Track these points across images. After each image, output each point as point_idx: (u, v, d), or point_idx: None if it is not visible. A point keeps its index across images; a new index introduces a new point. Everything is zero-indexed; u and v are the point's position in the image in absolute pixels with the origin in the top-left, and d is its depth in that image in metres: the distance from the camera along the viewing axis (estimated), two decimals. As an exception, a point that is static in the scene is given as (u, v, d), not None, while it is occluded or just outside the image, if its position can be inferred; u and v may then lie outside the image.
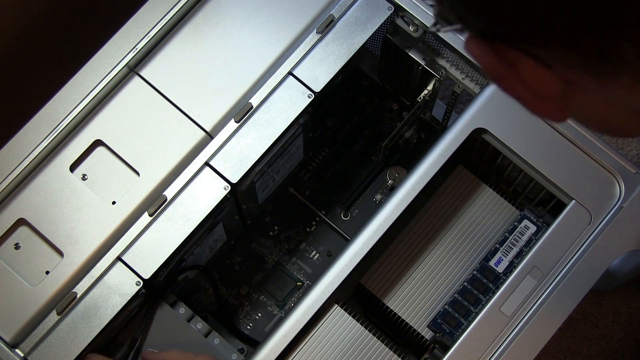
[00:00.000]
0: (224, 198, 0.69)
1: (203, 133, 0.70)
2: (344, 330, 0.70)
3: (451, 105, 0.83)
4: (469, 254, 0.74)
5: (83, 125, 0.70)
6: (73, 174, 0.69)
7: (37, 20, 0.85)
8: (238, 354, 0.71)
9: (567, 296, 0.68)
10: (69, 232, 0.67)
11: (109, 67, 0.70)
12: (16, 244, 0.67)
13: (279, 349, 0.67)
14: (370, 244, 0.69)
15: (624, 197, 0.70)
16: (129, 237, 0.67)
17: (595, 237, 0.69)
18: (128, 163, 0.69)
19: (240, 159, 0.69)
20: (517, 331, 0.67)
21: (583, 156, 0.71)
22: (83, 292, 0.66)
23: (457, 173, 0.77)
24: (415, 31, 0.74)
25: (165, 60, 0.72)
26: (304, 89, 0.71)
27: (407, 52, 0.77)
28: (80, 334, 0.65)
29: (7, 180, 0.68)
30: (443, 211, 0.75)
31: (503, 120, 0.72)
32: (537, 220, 0.74)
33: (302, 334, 0.69)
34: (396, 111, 0.89)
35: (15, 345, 0.65)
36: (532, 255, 0.69)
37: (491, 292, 0.72)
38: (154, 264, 0.67)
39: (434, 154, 0.71)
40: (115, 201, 0.68)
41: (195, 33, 0.72)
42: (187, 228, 0.68)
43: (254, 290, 0.84)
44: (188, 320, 0.71)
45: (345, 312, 0.70)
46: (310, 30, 0.73)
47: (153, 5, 0.72)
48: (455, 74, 0.76)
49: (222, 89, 0.71)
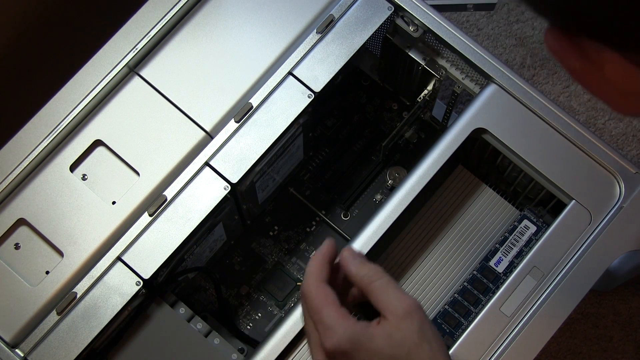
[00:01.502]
0: (224, 198, 0.69)
1: (203, 133, 0.70)
2: (344, 330, 0.70)
3: (451, 105, 0.83)
4: (468, 254, 0.74)
5: (83, 125, 0.70)
6: (73, 174, 0.69)
7: (37, 20, 0.85)
8: (238, 354, 0.71)
9: (567, 296, 0.68)
10: (69, 232, 0.67)
11: (109, 67, 0.70)
12: (16, 244, 0.67)
13: (279, 349, 0.67)
14: (370, 244, 0.69)
15: (624, 197, 0.70)
16: (129, 237, 0.67)
17: (595, 237, 0.69)
18: (128, 163, 0.69)
19: (240, 159, 0.69)
20: (517, 331, 0.67)
21: (583, 156, 0.71)
22: (83, 292, 0.66)
23: (457, 173, 0.77)
24: (415, 31, 0.74)
25: (165, 60, 0.72)
26: (304, 89, 0.71)
27: (407, 52, 0.77)
28: (80, 334, 0.65)
29: (7, 180, 0.68)
30: (443, 211, 0.75)
31: (503, 120, 0.72)
32: (537, 220, 0.74)
33: (302, 334, 0.69)
34: (396, 111, 0.89)
35: (15, 345, 0.65)
36: (532, 255, 0.69)
37: (491, 292, 0.72)
38: (154, 264, 0.67)
39: (434, 154, 0.71)
40: (115, 201, 0.68)
41: (195, 33, 0.72)
42: (187, 228, 0.68)
43: (254, 290, 0.84)
44: (188, 320, 0.71)
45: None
46: (310, 30, 0.73)
47: (153, 5, 0.72)
48: (455, 74, 0.76)
49: (222, 89, 0.71)
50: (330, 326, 0.51)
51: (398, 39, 0.77)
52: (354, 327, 0.51)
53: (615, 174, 0.71)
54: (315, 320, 0.52)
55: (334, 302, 0.52)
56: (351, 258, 0.55)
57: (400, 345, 0.51)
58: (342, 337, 0.51)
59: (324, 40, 0.72)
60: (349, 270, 0.54)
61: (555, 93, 1.12)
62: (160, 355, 0.69)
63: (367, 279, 0.53)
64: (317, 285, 0.53)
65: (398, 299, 0.52)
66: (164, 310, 0.70)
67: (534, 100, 0.72)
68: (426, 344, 0.51)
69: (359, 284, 0.54)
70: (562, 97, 1.11)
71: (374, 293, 0.53)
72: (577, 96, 1.11)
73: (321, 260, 0.55)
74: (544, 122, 0.72)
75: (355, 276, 0.54)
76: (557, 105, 0.72)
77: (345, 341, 0.51)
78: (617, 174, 0.71)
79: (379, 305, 0.52)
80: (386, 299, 0.52)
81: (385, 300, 0.52)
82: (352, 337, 0.51)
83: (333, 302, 0.52)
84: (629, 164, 0.71)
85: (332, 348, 0.51)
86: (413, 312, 0.51)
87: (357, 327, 0.51)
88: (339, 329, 0.51)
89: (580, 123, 0.72)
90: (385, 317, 0.52)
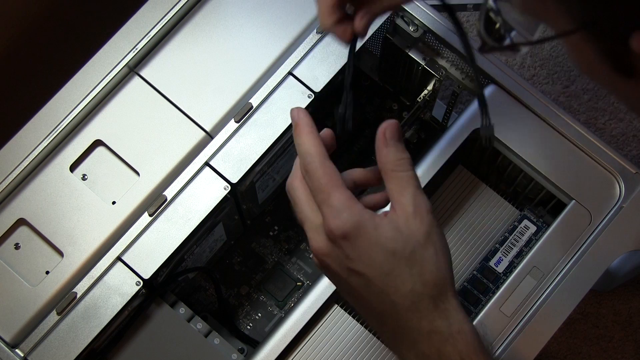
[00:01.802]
0: (224, 198, 0.69)
1: (203, 133, 0.70)
2: (344, 330, 0.70)
3: (451, 105, 0.83)
4: (469, 254, 0.74)
5: (83, 125, 0.70)
6: (73, 174, 0.69)
7: (37, 20, 0.85)
8: (238, 354, 0.71)
9: (567, 296, 0.68)
10: (69, 232, 0.67)
11: (109, 67, 0.70)
12: (16, 244, 0.67)
13: (279, 349, 0.67)
14: (370, 244, 0.69)
15: (624, 197, 0.70)
16: (129, 237, 0.67)
17: (595, 237, 0.69)
18: (128, 163, 0.69)
19: (240, 159, 0.69)
20: (517, 331, 0.67)
21: (583, 156, 0.71)
22: (83, 292, 0.66)
23: (457, 173, 0.77)
24: (415, 31, 0.74)
25: (165, 60, 0.72)
26: (304, 89, 0.71)
27: (407, 52, 0.77)
28: (80, 334, 0.65)
29: (7, 180, 0.68)
30: (443, 211, 0.75)
31: (503, 120, 0.72)
32: (537, 220, 0.74)
33: (302, 334, 0.69)
34: (396, 111, 0.89)
35: (15, 345, 0.65)
36: (532, 255, 0.69)
37: (491, 292, 0.72)
38: (154, 264, 0.67)
39: (434, 154, 0.71)
40: (115, 201, 0.68)
41: (195, 33, 0.72)
42: (187, 228, 0.68)
43: (254, 290, 0.84)
44: (188, 320, 0.71)
45: (345, 312, 0.70)
46: (310, 30, 0.73)
47: (153, 5, 0.72)
48: (455, 74, 0.76)
49: (222, 89, 0.71)
50: (338, 208, 0.49)
51: (398, 39, 0.77)
52: (361, 212, 0.49)
53: (615, 174, 0.71)
54: (320, 200, 0.50)
55: (342, 184, 0.50)
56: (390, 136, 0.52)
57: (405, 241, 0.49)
58: (348, 221, 0.49)
59: (324, 40, 0.72)
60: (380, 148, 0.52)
61: (555, 93, 1.12)
62: (160, 355, 0.69)
63: (392, 165, 0.51)
64: (322, 163, 0.51)
65: (414, 196, 0.50)
66: (164, 310, 0.70)
67: (534, 100, 0.72)
68: (431, 248, 0.49)
69: (383, 165, 0.51)
70: (562, 97, 1.11)
71: (394, 182, 0.50)
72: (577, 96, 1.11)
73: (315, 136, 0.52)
74: (544, 122, 0.72)
75: (385, 156, 0.51)
76: (557, 105, 0.72)
77: (351, 225, 0.49)
78: (617, 174, 0.71)
79: (393, 195, 0.50)
80: (404, 193, 0.50)
81: (403, 194, 0.50)
82: (357, 222, 0.49)
83: (341, 184, 0.50)
84: (629, 164, 0.71)
85: (336, 230, 0.49)
86: (424, 214, 0.49)
87: (364, 213, 0.49)
88: (345, 212, 0.49)
89: (580, 123, 0.72)
90: (394, 209, 0.50)
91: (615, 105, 1.11)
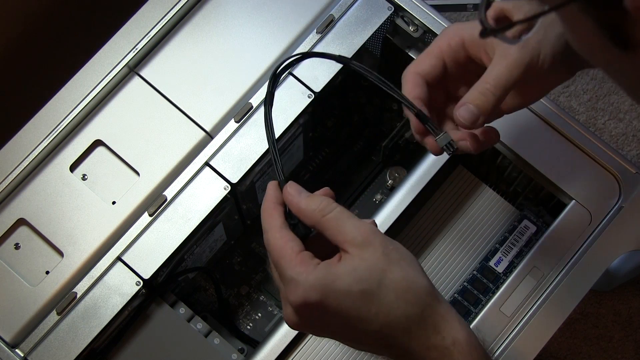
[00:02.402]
0: (224, 198, 0.69)
1: (203, 133, 0.70)
2: (344, 330, 0.70)
3: (451, 105, 0.83)
4: (468, 254, 0.74)
5: (83, 125, 0.70)
6: (73, 174, 0.69)
7: (37, 20, 0.85)
8: (238, 354, 0.71)
9: (567, 296, 0.68)
10: (69, 232, 0.67)
11: (109, 67, 0.70)
12: (16, 244, 0.67)
13: (279, 349, 0.67)
14: (370, 244, 0.69)
15: (624, 197, 0.70)
16: (129, 237, 0.68)
17: (595, 237, 0.69)
18: (128, 163, 0.69)
19: (240, 159, 0.69)
20: (517, 331, 0.67)
21: (583, 156, 0.71)
22: (83, 292, 0.66)
23: (457, 173, 0.77)
24: (415, 31, 0.75)
25: (165, 60, 0.72)
26: (304, 89, 0.71)
27: (407, 52, 0.77)
28: (80, 334, 0.65)
29: (7, 180, 0.68)
30: (443, 211, 0.75)
31: (503, 120, 0.72)
32: (537, 220, 0.74)
33: (302, 334, 0.69)
34: (396, 111, 0.89)
35: (15, 345, 0.65)
36: (532, 255, 0.69)
37: (491, 292, 0.72)
38: (154, 264, 0.67)
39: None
40: (115, 201, 0.68)
41: (195, 33, 0.72)
42: (187, 228, 0.68)
43: (254, 290, 0.84)
44: (188, 320, 0.71)
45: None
46: (310, 30, 0.73)
47: (153, 5, 0.72)
48: (455, 74, 0.76)
49: (222, 89, 0.71)
50: (291, 278, 0.47)
51: (398, 39, 0.77)
52: (315, 273, 0.47)
53: (615, 174, 0.71)
54: (279, 274, 0.49)
55: (292, 249, 0.48)
56: (296, 193, 0.51)
57: (368, 278, 0.47)
58: (306, 289, 0.47)
59: (324, 40, 0.72)
60: (297, 207, 0.50)
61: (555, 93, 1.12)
62: (160, 355, 0.69)
63: (318, 213, 0.49)
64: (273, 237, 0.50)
65: (355, 227, 0.48)
66: (164, 310, 0.70)
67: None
68: (396, 266, 0.47)
69: (310, 219, 0.49)
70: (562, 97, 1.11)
71: (329, 227, 0.49)
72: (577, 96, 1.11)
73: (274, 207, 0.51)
74: (544, 122, 0.72)
75: (304, 211, 0.50)
76: (557, 105, 0.72)
77: (310, 291, 0.47)
78: (617, 174, 0.71)
79: (336, 239, 0.48)
80: (342, 231, 0.48)
81: (342, 232, 0.48)
82: (315, 285, 0.47)
83: (291, 250, 0.48)
84: (629, 164, 0.71)
85: (299, 302, 0.47)
86: (372, 238, 0.48)
87: (318, 272, 0.47)
88: (300, 278, 0.47)
89: (580, 123, 0.72)
90: (345, 250, 0.48)
91: (615, 105, 1.11)
